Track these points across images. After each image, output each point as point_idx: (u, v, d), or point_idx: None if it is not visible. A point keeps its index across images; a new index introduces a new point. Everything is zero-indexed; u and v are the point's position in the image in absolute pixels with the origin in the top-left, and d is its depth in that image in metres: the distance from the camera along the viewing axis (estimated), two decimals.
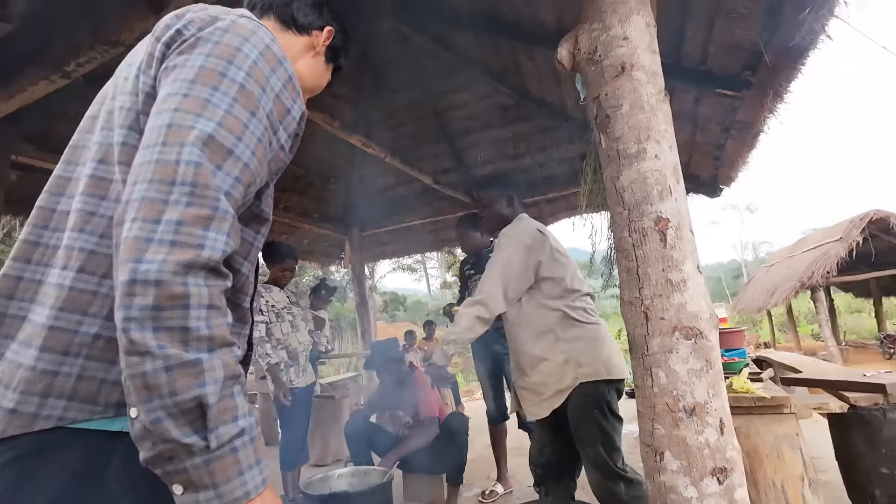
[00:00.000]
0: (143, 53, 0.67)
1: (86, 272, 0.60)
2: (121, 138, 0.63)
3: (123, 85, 0.67)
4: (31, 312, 0.60)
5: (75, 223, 0.62)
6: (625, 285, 1.23)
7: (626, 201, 1.23)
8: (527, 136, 4.70)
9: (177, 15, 0.68)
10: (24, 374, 0.56)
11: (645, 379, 1.15)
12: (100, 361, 0.58)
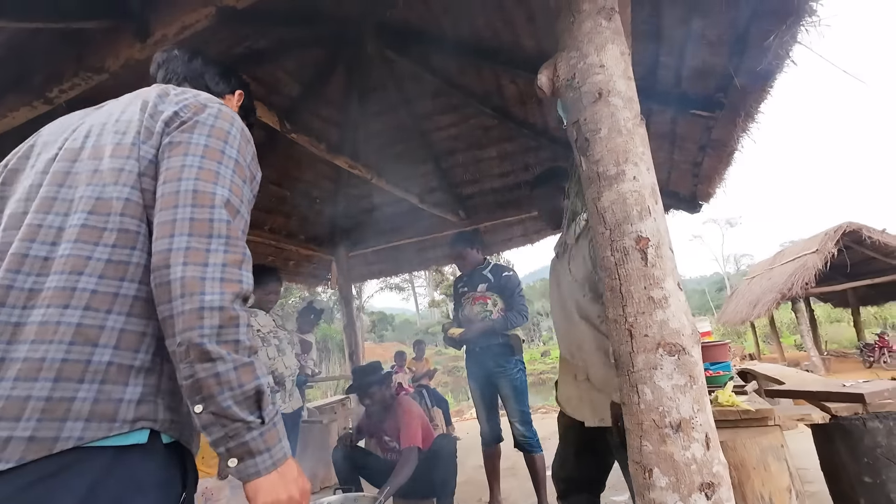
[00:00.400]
0: (135, 128, 0.80)
1: (91, 309, 0.68)
2: (125, 195, 0.75)
3: (114, 150, 0.78)
4: (14, 352, 0.64)
5: (72, 266, 0.69)
6: (609, 303, 1.26)
7: (607, 221, 1.26)
8: (511, 156, 4.80)
9: (163, 98, 0.85)
10: (38, 405, 0.62)
11: (631, 395, 1.17)
12: (115, 384, 0.67)
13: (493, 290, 2.98)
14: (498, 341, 2.87)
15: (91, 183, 0.75)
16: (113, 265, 0.71)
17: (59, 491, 0.59)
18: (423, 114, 4.77)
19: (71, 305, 0.67)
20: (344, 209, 5.78)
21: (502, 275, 3.02)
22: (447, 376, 18.78)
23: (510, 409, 2.79)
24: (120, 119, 0.83)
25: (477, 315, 2.93)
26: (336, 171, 5.40)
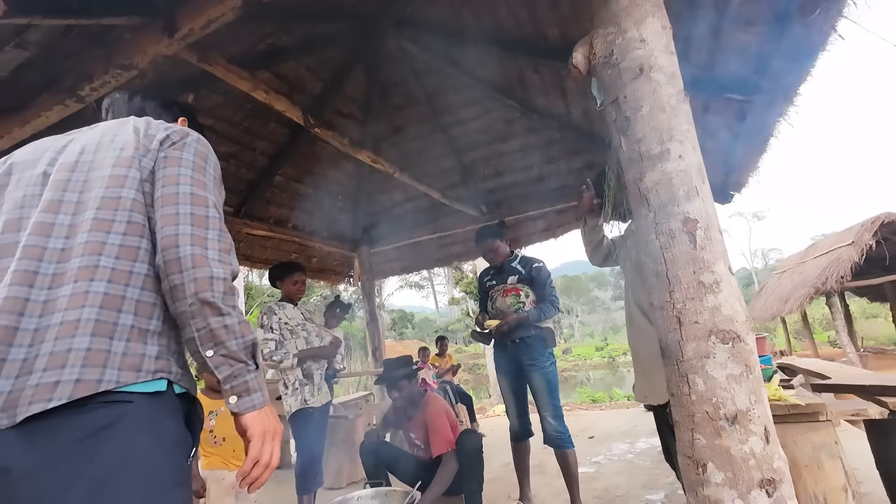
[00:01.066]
0: (133, 145, 0.95)
1: (113, 282, 0.82)
2: (132, 195, 0.90)
3: (116, 161, 0.92)
4: (48, 321, 0.77)
5: (91, 250, 0.83)
6: (654, 289, 1.19)
7: (651, 203, 1.20)
8: (534, 149, 4.71)
9: (150, 124, 1.01)
10: (80, 354, 0.75)
11: (681, 386, 1.10)
12: (137, 342, 0.81)
13: (525, 281, 2.91)
14: (531, 333, 2.78)
15: (98, 186, 0.89)
16: (125, 249, 0.85)
17: (105, 418, 0.74)
18: (444, 108, 4.72)
19: (96, 278, 0.80)
20: (366, 206, 5.79)
21: (533, 266, 2.94)
22: (468, 374, 18.74)
23: (542, 403, 2.73)
24: (115, 139, 0.96)
25: (510, 307, 2.86)
26: (358, 167, 5.40)
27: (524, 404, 2.91)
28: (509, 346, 2.85)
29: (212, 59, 2.51)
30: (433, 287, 36.83)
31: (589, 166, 4.56)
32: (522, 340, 2.81)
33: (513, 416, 2.89)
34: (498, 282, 3.00)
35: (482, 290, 3.14)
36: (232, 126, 4.06)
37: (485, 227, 3.15)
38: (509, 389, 2.89)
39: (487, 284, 3.08)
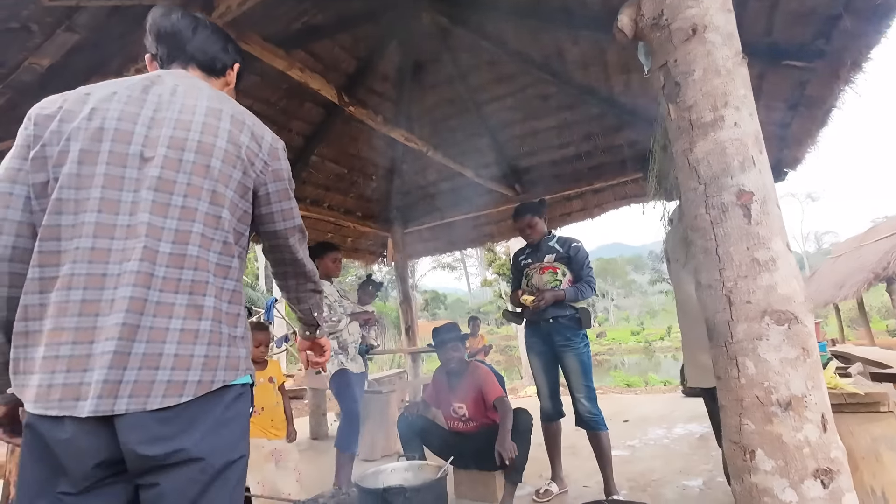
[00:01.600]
0: (234, 156, 1.00)
1: (218, 298, 0.97)
2: (228, 216, 0.99)
3: (219, 176, 0.98)
4: (171, 324, 0.90)
5: (201, 266, 0.94)
6: (702, 267, 1.13)
7: (701, 175, 1.12)
8: (571, 125, 4.55)
9: (243, 131, 1.04)
10: (200, 360, 0.91)
11: (729, 369, 1.04)
12: (235, 347, 0.98)
13: (562, 260, 2.85)
14: (566, 313, 2.73)
15: (203, 198, 0.95)
16: (221, 268, 0.98)
17: (217, 406, 0.94)
18: (478, 85, 4.62)
19: (207, 294, 0.94)
20: (400, 186, 5.80)
21: (571, 245, 2.87)
22: (500, 355, 18.80)
23: (575, 384, 2.69)
24: (217, 138, 0.99)
25: (546, 284, 2.79)
26: (392, 146, 5.39)
27: (556, 385, 2.87)
28: (542, 326, 2.80)
29: (248, 38, 2.53)
30: (466, 268, 36.89)
31: (630, 143, 4.37)
32: (556, 320, 2.75)
33: (544, 396, 2.87)
34: (534, 260, 2.95)
35: (516, 269, 3.09)
36: (269, 106, 4.12)
37: (524, 204, 3.08)
38: (541, 369, 2.85)
39: (522, 263, 3.02)
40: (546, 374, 2.84)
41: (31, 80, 2.47)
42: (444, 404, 2.77)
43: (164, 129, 0.95)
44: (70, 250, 0.87)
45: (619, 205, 4.98)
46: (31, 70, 2.38)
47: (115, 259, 0.88)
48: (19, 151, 0.94)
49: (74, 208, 0.88)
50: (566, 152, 4.74)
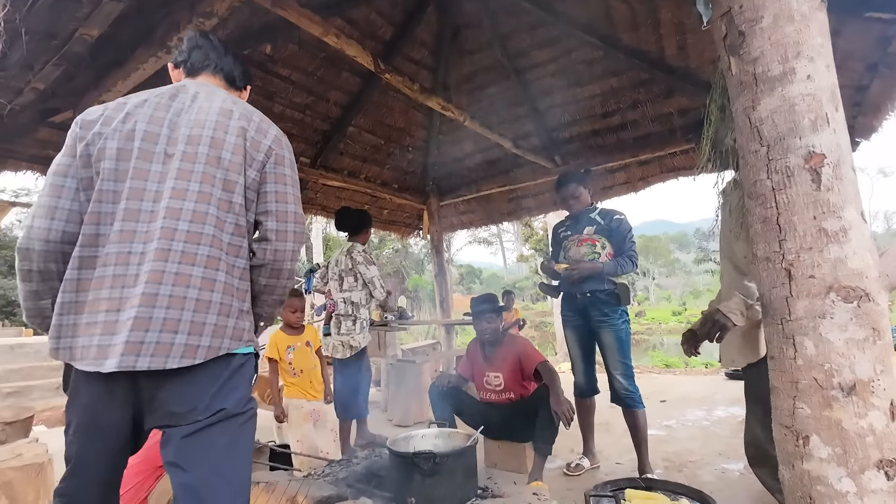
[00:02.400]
0: (242, 154, 1.14)
1: (229, 274, 1.09)
2: (240, 201, 1.13)
3: (230, 164, 1.12)
4: (187, 293, 1.02)
5: (214, 243, 1.06)
6: (759, 238, 1.03)
7: (764, 136, 1.01)
8: (617, 92, 4.30)
9: (251, 124, 1.17)
10: (210, 328, 1.03)
11: (785, 349, 0.96)
12: (241, 320, 1.10)
13: (602, 233, 2.73)
14: (604, 288, 2.63)
15: (217, 186, 1.09)
16: (233, 247, 1.10)
17: (223, 370, 1.06)
18: (519, 50, 4.42)
19: (220, 269, 1.06)
20: (436, 157, 5.73)
21: (613, 217, 2.74)
22: (534, 331, 18.73)
23: (612, 361, 2.58)
24: (228, 135, 1.13)
25: (584, 257, 2.69)
26: (428, 117, 5.31)
27: (591, 361, 2.80)
28: (579, 300, 2.72)
29: (285, 4, 2.50)
30: (502, 243, 36.62)
31: (680, 111, 4.09)
32: (594, 294, 2.66)
33: (578, 372, 2.81)
34: (573, 231, 2.84)
35: (556, 241, 2.99)
36: (307, 76, 4.12)
37: (569, 172, 2.96)
38: (576, 344, 2.78)
39: (562, 234, 2.92)
40: (581, 349, 2.78)
41: (82, 51, 2.56)
42: (477, 376, 2.76)
43: (182, 129, 1.11)
44: (107, 234, 1.03)
45: (666, 178, 4.72)
46: (82, 41, 2.46)
47: (139, 239, 1.03)
48: (68, 150, 1.11)
49: (112, 198, 1.05)
50: (610, 121, 4.50)
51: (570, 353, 2.87)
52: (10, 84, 2.62)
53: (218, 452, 1.01)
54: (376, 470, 2.03)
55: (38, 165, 3.53)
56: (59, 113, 3.13)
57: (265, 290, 1.18)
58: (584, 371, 2.79)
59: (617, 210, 2.81)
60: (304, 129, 4.51)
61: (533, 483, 2.35)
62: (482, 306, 2.76)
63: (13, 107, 2.80)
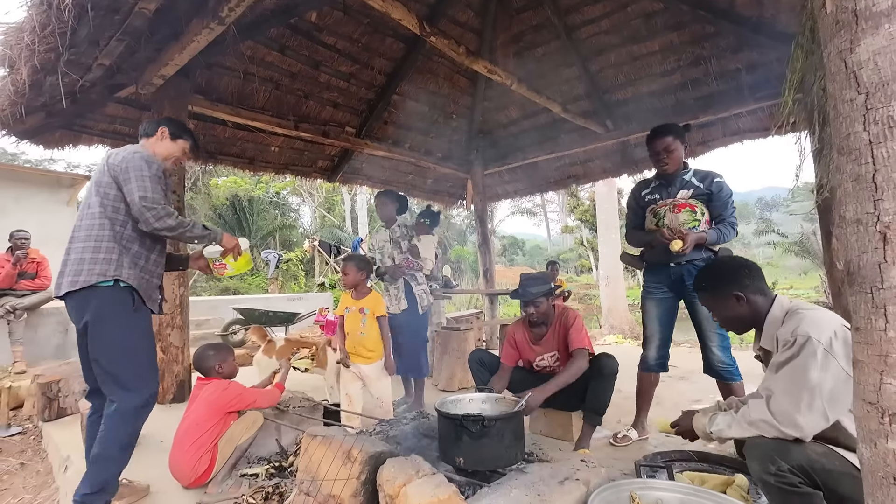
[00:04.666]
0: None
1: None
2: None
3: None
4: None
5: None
6: (849, 199, 0.93)
7: (862, 82, 0.89)
8: (678, 49, 3.99)
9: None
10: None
11: (874, 319, 0.88)
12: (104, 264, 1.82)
13: (700, 197, 2.45)
14: (703, 256, 2.40)
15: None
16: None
17: (91, 299, 1.80)
18: (569, 6, 4.17)
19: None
20: (481, 125, 5.61)
21: (714, 181, 2.45)
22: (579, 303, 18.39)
23: (708, 332, 2.40)
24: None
25: (683, 225, 2.41)
26: (473, 83, 5.18)
27: (668, 335, 2.59)
28: (673, 269, 2.49)
29: None
30: (546, 214, 35.81)
31: (749, 66, 3.74)
32: (692, 263, 2.41)
33: (652, 345, 2.59)
34: (663, 196, 2.53)
35: (637, 205, 2.68)
36: (352, 43, 4.10)
37: (665, 124, 2.60)
38: (656, 317, 2.56)
39: (647, 199, 2.61)
40: (661, 323, 2.56)
41: (141, 26, 2.65)
42: (526, 360, 2.70)
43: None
44: None
45: (728, 142, 4.39)
46: (140, 15, 2.55)
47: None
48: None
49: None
50: (669, 80, 4.20)
51: (646, 326, 2.65)
52: (81, 61, 2.78)
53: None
54: (424, 431, 2.10)
55: (107, 139, 3.77)
56: (124, 88, 3.29)
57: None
58: (658, 347, 2.59)
59: (715, 171, 2.50)
60: (350, 98, 4.53)
61: (579, 451, 2.36)
62: (533, 289, 2.51)
63: (84, 83, 2.98)
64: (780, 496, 1.32)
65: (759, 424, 1.40)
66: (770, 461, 1.32)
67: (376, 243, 3.53)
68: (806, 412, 1.32)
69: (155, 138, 2.11)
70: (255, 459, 2.37)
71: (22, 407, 3.71)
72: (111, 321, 1.78)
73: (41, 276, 4.94)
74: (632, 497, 1.51)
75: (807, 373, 1.34)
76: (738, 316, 1.58)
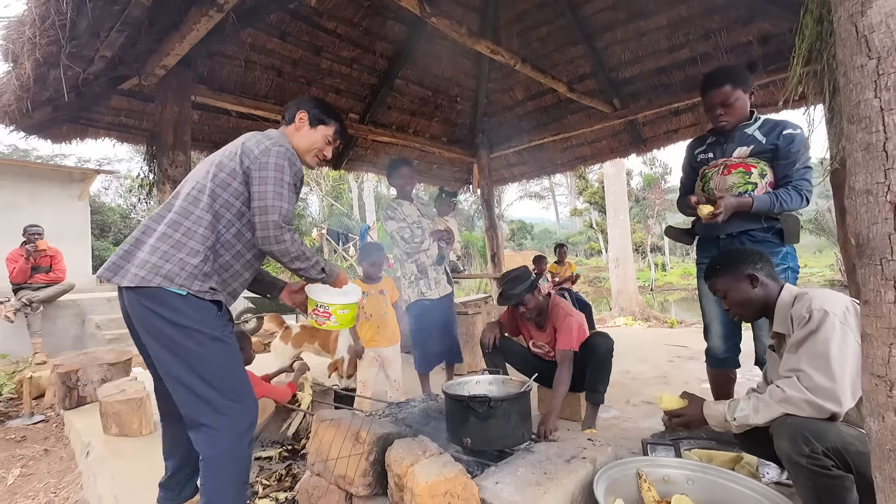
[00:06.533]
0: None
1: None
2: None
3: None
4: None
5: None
6: (859, 169, 0.90)
7: (874, 46, 0.86)
8: (686, 22, 3.88)
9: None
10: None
11: (883, 292, 0.86)
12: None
13: (763, 154, 1.99)
14: (760, 225, 1.99)
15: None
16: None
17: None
18: None
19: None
20: (486, 108, 5.54)
21: (782, 133, 1.94)
22: (588, 286, 18.32)
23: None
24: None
25: (733, 189, 2.01)
26: (477, 64, 5.10)
27: (734, 322, 2.12)
28: (723, 242, 2.10)
29: None
30: (554, 197, 35.49)
31: (761, 38, 3.63)
32: (746, 234, 2.02)
33: (715, 335, 2.17)
34: (717, 154, 2.09)
35: (690, 167, 2.27)
36: (352, 27, 4.05)
37: (722, 68, 2.10)
38: (714, 303, 2.12)
39: (700, 158, 2.17)
40: (720, 308, 1.99)
41: (140, 16, 2.64)
42: (525, 334, 2.73)
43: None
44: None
45: None
46: (139, 5, 2.53)
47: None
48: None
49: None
50: (677, 56, 4.10)
51: (704, 312, 2.22)
52: (83, 53, 2.77)
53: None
54: (432, 413, 2.12)
55: (114, 132, 3.79)
56: (127, 80, 3.29)
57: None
58: (723, 336, 2.15)
59: (788, 121, 1.97)
60: (352, 83, 4.49)
61: (587, 430, 2.38)
62: (511, 292, 2.43)
63: (87, 76, 2.98)
64: (810, 478, 1.28)
65: (794, 400, 1.34)
66: (804, 442, 1.28)
67: (403, 220, 3.04)
68: (841, 383, 1.29)
69: (293, 127, 1.70)
70: (268, 443, 2.43)
71: (43, 396, 3.82)
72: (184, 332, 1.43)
73: (55, 270, 5.04)
74: (639, 474, 1.52)
75: (829, 346, 1.32)
76: (750, 299, 1.56)
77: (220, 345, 1.40)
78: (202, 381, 1.35)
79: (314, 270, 1.59)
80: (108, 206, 16.61)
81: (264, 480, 2.00)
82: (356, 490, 1.53)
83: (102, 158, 19.24)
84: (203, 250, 1.43)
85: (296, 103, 1.73)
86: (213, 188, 1.48)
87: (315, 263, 1.58)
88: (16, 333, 4.85)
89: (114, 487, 2.06)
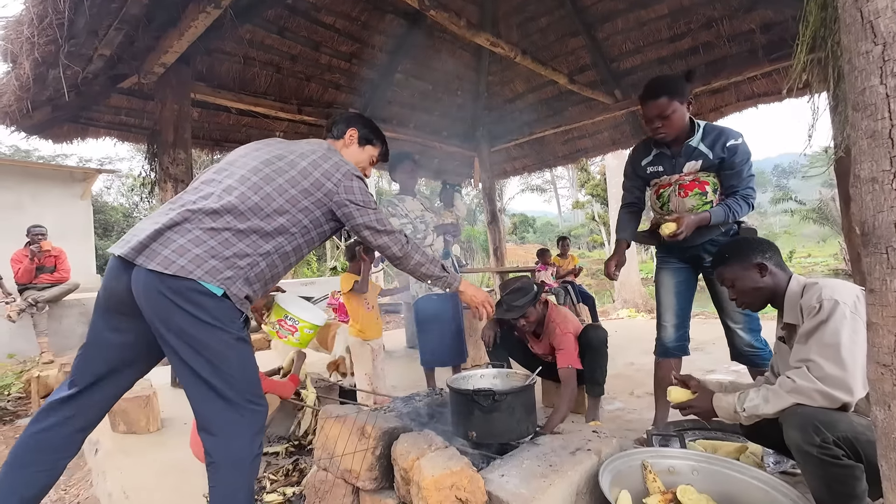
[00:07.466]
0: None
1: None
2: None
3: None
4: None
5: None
6: (864, 156, 0.89)
7: (879, 32, 0.85)
8: (688, 11, 3.85)
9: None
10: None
11: (889, 280, 0.85)
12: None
13: (712, 168, 2.05)
14: (720, 232, 2.09)
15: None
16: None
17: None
18: None
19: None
20: (486, 101, 5.51)
21: (726, 145, 2.00)
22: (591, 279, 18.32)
23: (731, 313, 2.09)
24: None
25: (693, 210, 2.08)
26: (477, 57, 5.07)
27: (687, 310, 2.23)
28: (688, 251, 2.18)
29: None
30: (556, 190, 35.39)
31: (764, 26, 3.59)
32: (711, 242, 2.11)
33: (668, 324, 2.23)
34: (668, 169, 2.12)
35: (635, 174, 2.28)
36: (351, 22, 4.03)
37: (657, 79, 2.08)
38: (672, 290, 2.20)
39: (650, 171, 2.19)
40: (677, 297, 2.18)
41: (138, 13, 2.63)
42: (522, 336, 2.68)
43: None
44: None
45: (743, 106, 4.26)
46: (137, 2, 2.52)
47: None
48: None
49: None
50: (679, 45, 4.07)
51: (661, 302, 2.27)
52: (81, 52, 2.77)
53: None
54: (437, 407, 2.13)
55: (114, 131, 3.79)
56: (126, 78, 3.29)
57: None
58: (675, 325, 2.22)
59: (731, 130, 2.03)
60: (352, 79, 4.47)
61: (591, 423, 2.38)
62: (519, 302, 2.35)
63: (86, 75, 2.98)
64: (820, 467, 1.27)
65: (805, 390, 1.33)
66: (815, 431, 1.27)
67: (406, 216, 2.97)
68: (852, 372, 1.28)
69: (342, 143, 1.71)
70: (274, 439, 2.44)
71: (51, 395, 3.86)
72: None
73: (60, 270, 5.07)
74: (644, 466, 1.53)
75: (839, 335, 1.31)
76: (759, 288, 1.55)
77: (244, 345, 1.37)
78: (224, 381, 1.31)
79: (436, 268, 1.69)
80: (110, 206, 16.65)
81: (272, 475, 2.02)
82: (363, 484, 1.54)
83: (104, 158, 19.26)
84: (253, 255, 1.37)
85: (345, 120, 1.74)
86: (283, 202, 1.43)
87: (432, 262, 1.68)
88: (22, 333, 4.88)
89: (123, 484, 2.08)
